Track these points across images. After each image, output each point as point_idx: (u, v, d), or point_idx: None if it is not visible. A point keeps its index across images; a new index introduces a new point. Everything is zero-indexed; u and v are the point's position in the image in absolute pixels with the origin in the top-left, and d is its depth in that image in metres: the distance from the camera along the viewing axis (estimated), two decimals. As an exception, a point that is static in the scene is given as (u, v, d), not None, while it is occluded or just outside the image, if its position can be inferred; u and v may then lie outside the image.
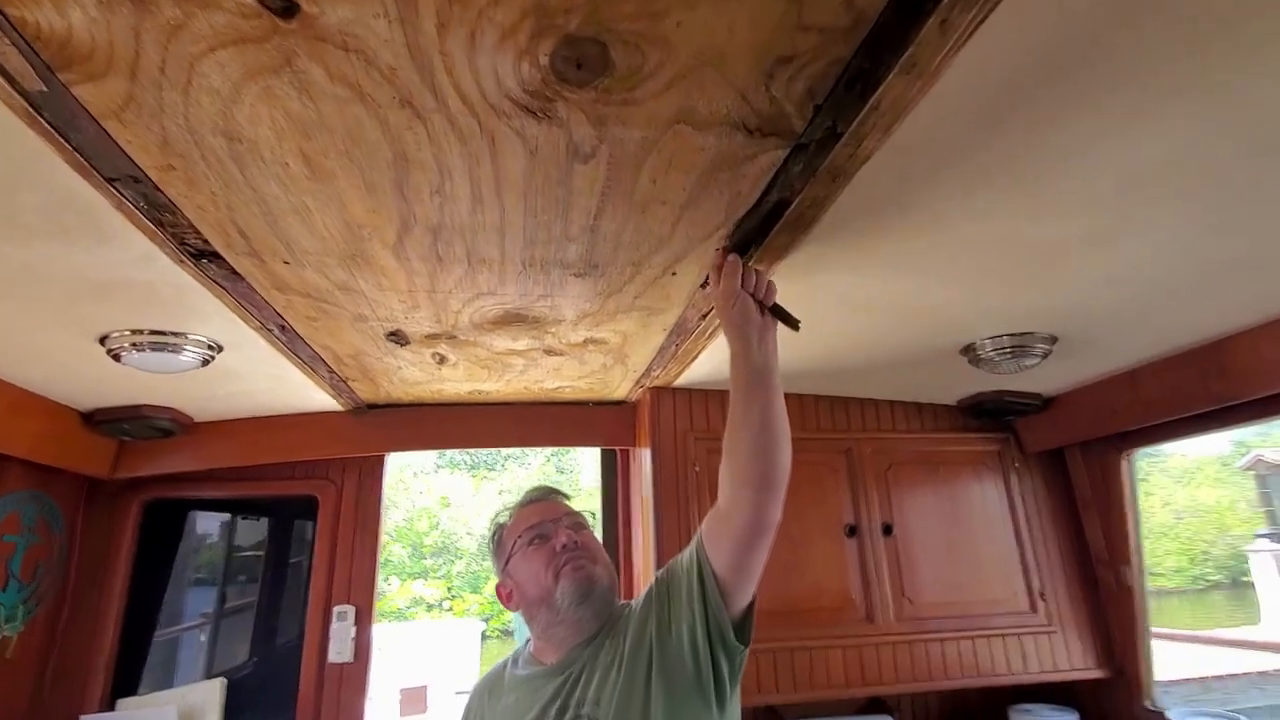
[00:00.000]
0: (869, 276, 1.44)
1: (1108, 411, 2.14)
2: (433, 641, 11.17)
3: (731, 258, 1.17)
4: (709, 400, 2.33)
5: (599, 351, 1.89)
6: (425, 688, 8.32)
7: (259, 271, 1.25)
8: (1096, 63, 0.82)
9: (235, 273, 1.24)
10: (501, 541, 1.40)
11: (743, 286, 1.15)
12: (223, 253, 1.17)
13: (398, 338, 1.67)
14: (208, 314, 1.44)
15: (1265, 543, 7.74)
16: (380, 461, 2.45)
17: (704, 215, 1.13)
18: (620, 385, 2.31)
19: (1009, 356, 1.84)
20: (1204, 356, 1.81)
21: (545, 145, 0.91)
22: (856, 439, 2.38)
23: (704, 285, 1.44)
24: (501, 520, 1.44)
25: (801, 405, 2.38)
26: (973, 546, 2.36)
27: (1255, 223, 1.22)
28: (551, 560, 1.29)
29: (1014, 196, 1.13)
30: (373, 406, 2.36)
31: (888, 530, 2.30)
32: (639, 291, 1.45)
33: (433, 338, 1.69)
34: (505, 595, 1.37)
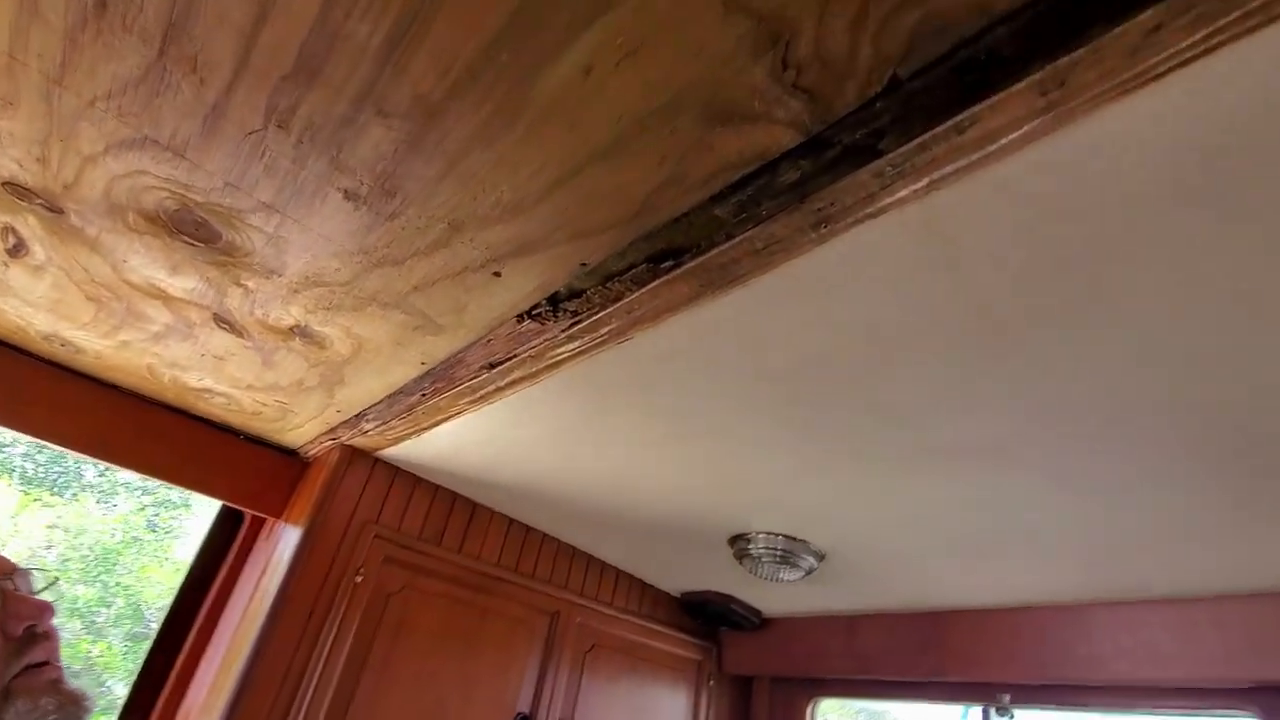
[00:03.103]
0: (721, 390, 1.11)
1: (819, 652, 2.02)
2: None
3: None
4: (419, 491, 1.71)
5: (306, 357, 1.24)
6: None
7: None
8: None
9: None
10: None
11: None
12: None
13: (-67, 155, 0.86)
14: None
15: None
16: None
17: (614, 185, 0.71)
18: (305, 425, 1.60)
19: (776, 561, 1.62)
20: (928, 625, 1.78)
21: None
22: (569, 602, 1.91)
23: (523, 318, 0.97)
24: None
25: (526, 537, 1.88)
26: (642, 774, 1.95)
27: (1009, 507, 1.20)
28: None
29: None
30: None
31: (563, 731, 1.80)
32: (429, 278, 0.93)
33: (19, 192, 0.92)
34: None
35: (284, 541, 1.64)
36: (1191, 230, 0.64)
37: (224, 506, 1.83)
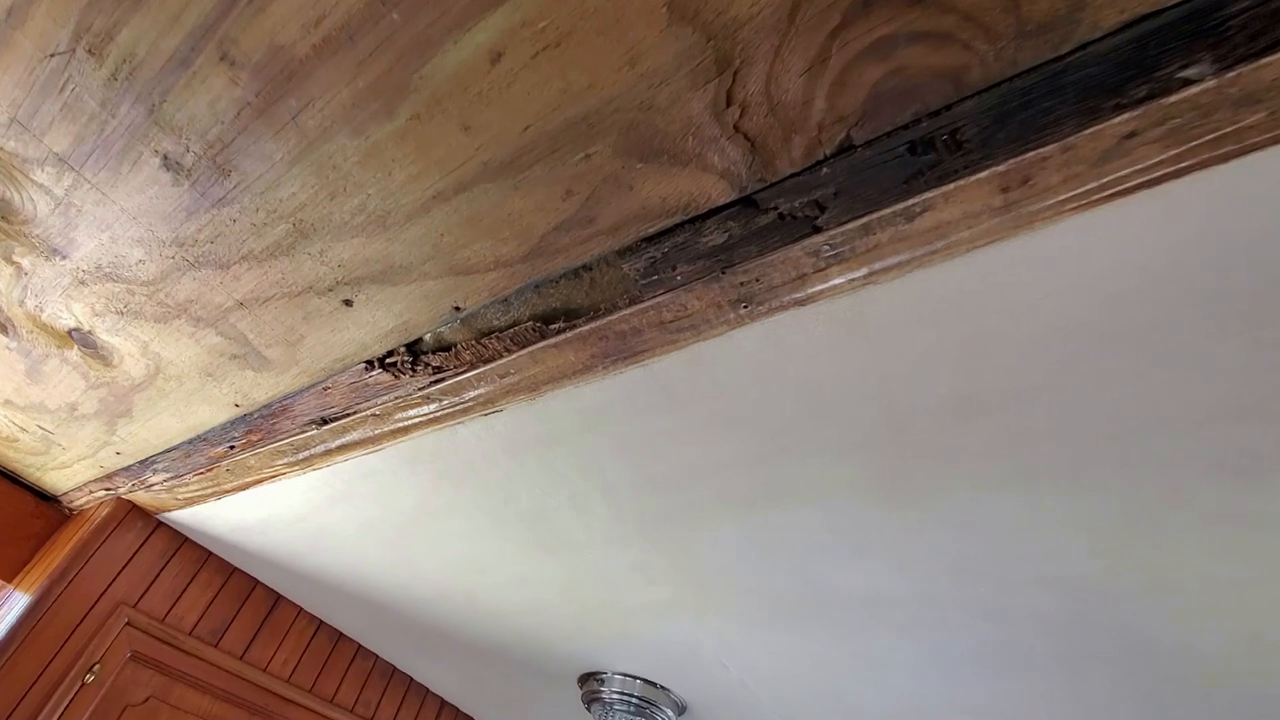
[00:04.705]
0: (594, 495, 0.95)
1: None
2: None
3: None
4: (207, 572, 1.38)
5: (85, 374, 0.98)
6: None
7: None
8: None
9: None
10: None
11: None
12: None
13: None
14: None
15: None
16: None
17: (507, 213, 0.59)
18: (73, 465, 1.27)
19: (630, 710, 1.39)
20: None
21: None
22: (372, 737, 1.56)
23: (373, 365, 0.80)
24: None
25: (334, 648, 1.54)
26: None
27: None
28: None
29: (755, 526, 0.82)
30: None
31: None
32: (260, 293, 0.74)
33: None
34: None
35: (2, 612, 1.24)
36: (1114, 384, 0.59)
37: (-66, 559, 1.40)
